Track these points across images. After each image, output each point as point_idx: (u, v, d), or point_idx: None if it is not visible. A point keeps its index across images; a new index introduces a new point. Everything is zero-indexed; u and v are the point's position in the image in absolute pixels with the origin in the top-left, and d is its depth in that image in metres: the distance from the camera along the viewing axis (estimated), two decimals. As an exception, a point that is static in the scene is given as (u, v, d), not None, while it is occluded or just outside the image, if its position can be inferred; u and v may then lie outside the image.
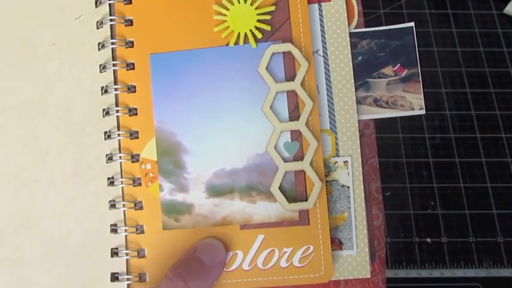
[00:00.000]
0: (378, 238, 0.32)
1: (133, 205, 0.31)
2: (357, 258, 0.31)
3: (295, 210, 0.30)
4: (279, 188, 0.30)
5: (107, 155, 0.31)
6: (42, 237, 0.31)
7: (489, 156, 0.31)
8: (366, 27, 0.32)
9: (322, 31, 0.32)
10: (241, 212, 0.30)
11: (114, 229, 0.31)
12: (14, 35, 0.34)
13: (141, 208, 0.31)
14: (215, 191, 0.31)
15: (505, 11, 0.55)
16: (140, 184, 0.31)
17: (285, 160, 0.30)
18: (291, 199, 0.30)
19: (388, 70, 0.32)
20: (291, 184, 0.30)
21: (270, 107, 0.30)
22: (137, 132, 0.31)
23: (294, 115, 0.31)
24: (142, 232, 0.31)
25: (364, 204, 0.31)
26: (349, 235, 0.31)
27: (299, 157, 0.31)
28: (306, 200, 0.30)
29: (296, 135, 0.31)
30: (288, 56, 0.31)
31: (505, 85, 0.51)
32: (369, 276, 0.31)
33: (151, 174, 0.31)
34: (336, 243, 0.31)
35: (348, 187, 0.31)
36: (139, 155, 0.31)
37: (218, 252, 0.30)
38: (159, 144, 0.31)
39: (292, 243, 0.30)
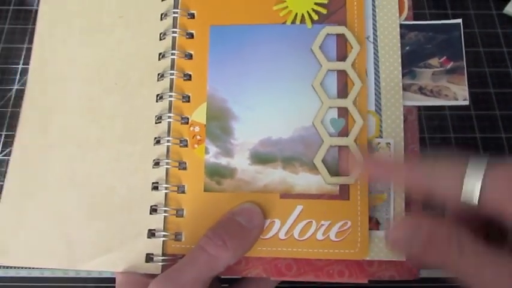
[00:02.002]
0: None
1: (177, 164, 0.32)
2: None
3: (336, 184, 0.31)
4: (322, 161, 0.31)
5: (156, 116, 0.33)
6: (87, 194, 0.32)
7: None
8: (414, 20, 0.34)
9: (374, 20, 0.33)
10: (283, 181, 0.31)
11: (155, 186, 0.32)
12: (83, 7, 0.36)
13: (184, 168, 0.32)
14: (259, 158, 0.31)
15: (505, 11, 0.55)
16: (186, 145, 0.32)
17: (330, 135, 0.31)
18: (332, 173, 0.31)
19: (434, 61, 0.33)
20: (334, 159, 0.31)
21: (320, 84, 0.32)
22: (189, 96, 0.32)
23: (342, 93, 0.32)
24: (184, 192, 0.31)
25: (403, 186, 0.31)
26: (387, 215, 0.31)
27: (344, 134, 0.31)
28: (348, 175, 0.31)
29: (342, 112, 0.32)
30: (340, 38, 0.32)
31: (505, 85, 0.51)
32: (404, 260, 0.31)
33: (198, 137, 0.32)
34: (373, 222, 0.31)
35: None
36: (188, 117, 0.32)
37: (256, 216, 0.30)
38: (209, 109, 0.32)
39: (330, 216, 0.30)
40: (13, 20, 0.54)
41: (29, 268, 0.44)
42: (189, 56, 0.33)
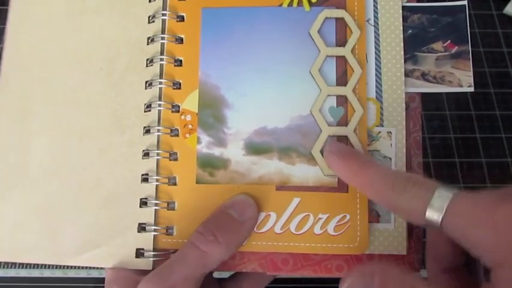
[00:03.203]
0: None
1: (168, 155, 0.30)
2: (393, 233, 0.30)
3: (334, 175, 0.29)
4: (320, 151, 0.29)
5: (145, 104, 0.31)
6: (73, 186, 0.31)
7: (489, 156, 0.30)
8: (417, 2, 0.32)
9: (375, 1, 0.32)
10: (279, 173, 0.30)
11: (145, 178, 0.30)
12: None
13: (175, 159, 0.30)
14: (254, 148, 0.30)
15: (505, 11, 0.55)
16: (178, 135, 0.30)
17: (329, 124, 0.30)
18: None
19: (437, 45, 0.32)
20: None
21: (319, 70, 0.30)
22: (180, 83, 0.31)
23: (341, 81, 0.30)
24: (175, 184, 0.30)
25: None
26: None
27: (343, 123, 0.30)
28: (347, 166, 0.29)
29: (342, 101, 0.30)
30: (340, 22, 0.31)
31: (505, 85, 0.51)
32: (405, 253, 0.30)
33: (190, 126, 0.30)
34: (373, 215, 0.30)
35: (390, 158, 0.30)
36: (179, 105, 0.31)
37: (249, 208, 0.29)
38: (201, 97, 0.30)
39: (328, 209, 0.29)
40: None
41: (29, 268, 0.43)
42: (180, 40, 0.31)
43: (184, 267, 0.26)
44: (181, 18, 0.31)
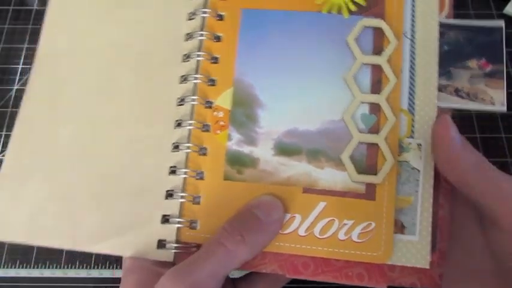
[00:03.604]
0: (441, 229, 0.30)
1: (197, 149, 0.30)
2: (417, 246, 0.29)
3: (362, 182, 0.29)
4: (350, 157, 0.29)
5: (178, 98, 0.31)
6: (97, 173, 0.31)
7: (489, 156, 0.30)
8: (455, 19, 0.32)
9: (413, 15, 0.32)
10: (307, 175, 0.30)
11: (173, 171, 0.30)
12: None
13: (205, 154, 0.30)
14: (284, 149, 0.30)
15: (505, 11, 0.54)
16: (208, 130, 0.31)
17: (360, 131, 0.30)
18: (359, 171, 0.29)
19: (472, 63, 0.32)
20: (362, 156, 0.30)
21: (353, 77, 0.30)
22: (215, 80, 0.31)
23: (375, 89, 0.30)
24: (202, 178, 0.30)
25: (432, 190, 0.30)
26: (413, 220, 0.30)
27: (374, 131, 0.30)
28: (376, 174, 0.29)
29: (374, 109, 0.30)
30: (377, 32, 0.31)
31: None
32: (427, 267, 0.29)
33: (222, 123, 0.31)
34: (398, 226, 0.30)
35: (419, 170, 0.30)
36: (213, 102, 0.31)
37: (275, 210, 0.29)
38: (235, 95, 0.31)
39: (354, 216, 0.29)
40: (13, 20, 0.54)
41: (29, 268, 0.43)
42: (218, 39, 0.32)
43: (210, 264, 0.26)
44: (220, 17, 0.32)
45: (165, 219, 0.30)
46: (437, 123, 0.29)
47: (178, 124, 0.31)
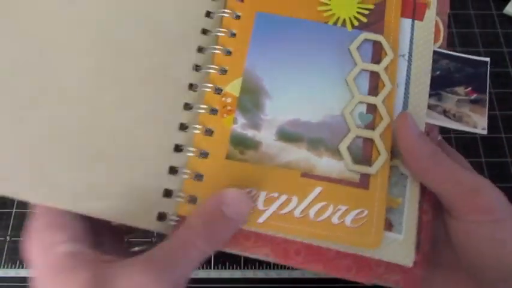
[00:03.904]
0: (425, 232, 0.32)
1: (203, 130, 0.32)
2: (402, 244, 0.31)
3: (357, 172, 0.31)
4: (347, 148, 0.31)
5: (190, 83, 0.33)
6: (104, 153, 0.31)
7: (489, 156, 0.32)
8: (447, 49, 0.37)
9: (411, 42, 0.36)
10: (306, 161, 0.31)
11: (179, 149, 0.32)
12: None
13: (210, 135, 0.32)
14: (286, 136, 0.32)
15: (505, 11, 0.55)
16: (216, 114, 0.32)
17: (357, 127, 0.32)
18: (355, 161, 0.31)
19: (460, 89, 0.36)
20: (358, 148, 0.32)
21: (353, 79, 0.33)
22: (226, 70, 0.34)
23: (373, 93, 0.33)
24: (206, 157, 0.31)
25: (418, 196, 0.32)
26: (400, 220, 0.31)
27: (370, 128, 0.32)
28: (370, 166, 0.31)
29: (371, 109, 0.33)
30: (376, 45, 0.34)
31: (505, 85, 0.50)
32: (411, 265, 0.30)
33: (229, 108, 0.33)
34: (387, 224, 0.31)
35: (407, 176, 0.32)
36: (222, 88, 0.33)
37: (244, 207, 0.29)
38: (244, 84, 0.33)
39: (348, 202, 0.30)
40: None
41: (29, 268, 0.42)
42: (233, 35, 0.35)
43: (187, 265, 0.27)
44: (237, 17, 0.35)
45: (167, 193, 0.30)
46: (398, 117, 0.32)
47: (188, 106, 0.33)
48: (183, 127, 0.32)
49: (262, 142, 0.32)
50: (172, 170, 0.31)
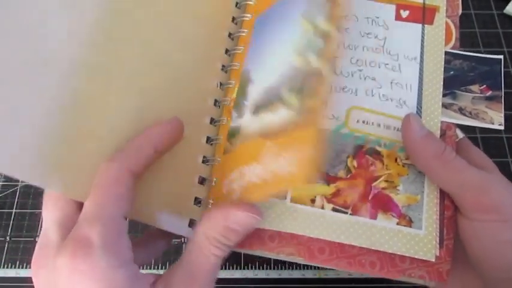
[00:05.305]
0: (447, 228, 0.31)
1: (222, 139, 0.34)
2: (424, 239, 0.31)
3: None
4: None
5: (215, 99, 0.35)
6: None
7: (489, 156, 0.31)
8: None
9: (422, 45, 0.36)
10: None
11: (206, 160, 0.34)
12: None
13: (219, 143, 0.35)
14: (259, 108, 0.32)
15: (505, 11, 0.54)
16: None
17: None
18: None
19: (475, 87, 0.35)
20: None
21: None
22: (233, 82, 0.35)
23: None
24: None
25: (437, 192, 0.32)
26: (420, 216, 0.31)
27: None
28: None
29: None
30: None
31: (505, 85, 0.49)
32: (433, 260, 0.30)
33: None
34: (407, 220, 0.31)
35: (424, 175, 0.32)
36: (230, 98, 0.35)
37: (253, 223, 0.28)
38: (240, 84, 0.35)
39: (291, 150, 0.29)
40: None
41: (29, 268, 0.44)
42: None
43: (209, 276, 0.27)
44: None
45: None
46: (402, 120, 0.32)
47: (213, 121, 0.35)
48: (209, 140, 0.34)
49: (241, 125, 0.32)
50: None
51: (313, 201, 0.31)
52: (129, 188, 0.26)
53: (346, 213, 0.31)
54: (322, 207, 0.31)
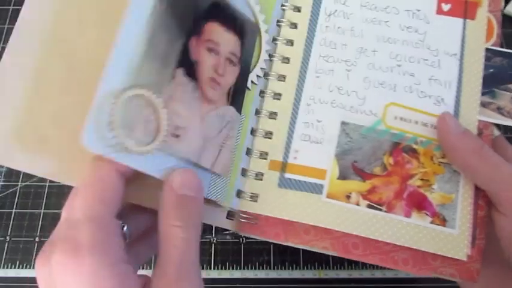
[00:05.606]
0: (480, 228, 0.31)
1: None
2: (457, 239, 0.31)
3: None
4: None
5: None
6: None
7: None
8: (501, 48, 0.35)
9: (463, 40, 0.35)
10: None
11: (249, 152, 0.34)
12: None
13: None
14: None
15: (505, 11, 0.53)
16: None
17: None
18: None
19: (515, 86, 0.35)
20: None
21: None
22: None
23: None
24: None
25: (471, 192, 0.32)
26: (454, 215, 0.31)
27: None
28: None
29: None
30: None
31: None
32: (465, 260, 0.31)
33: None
34: (440, 219, 0.32)
35: (459, 173, 0.32)
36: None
37: (196, 180, 0.27)
38: None
39: None
40: (13, 20, 0.53)
41: (29, 268, 0.44)
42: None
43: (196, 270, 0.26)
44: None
45: (243, 172, 0.32)
46: (438, 119, 0.32)
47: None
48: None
49: None
50: (243, 172, 0.33)
51: (348, 197, 0.32)
52: (116, 189, 0.25)
53: (381, 210, 0.31)
54: (358, 204, 0.32)
